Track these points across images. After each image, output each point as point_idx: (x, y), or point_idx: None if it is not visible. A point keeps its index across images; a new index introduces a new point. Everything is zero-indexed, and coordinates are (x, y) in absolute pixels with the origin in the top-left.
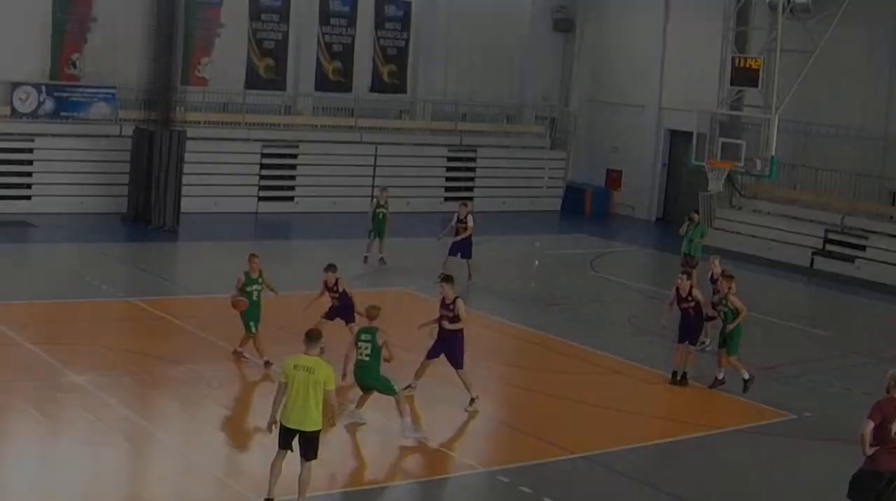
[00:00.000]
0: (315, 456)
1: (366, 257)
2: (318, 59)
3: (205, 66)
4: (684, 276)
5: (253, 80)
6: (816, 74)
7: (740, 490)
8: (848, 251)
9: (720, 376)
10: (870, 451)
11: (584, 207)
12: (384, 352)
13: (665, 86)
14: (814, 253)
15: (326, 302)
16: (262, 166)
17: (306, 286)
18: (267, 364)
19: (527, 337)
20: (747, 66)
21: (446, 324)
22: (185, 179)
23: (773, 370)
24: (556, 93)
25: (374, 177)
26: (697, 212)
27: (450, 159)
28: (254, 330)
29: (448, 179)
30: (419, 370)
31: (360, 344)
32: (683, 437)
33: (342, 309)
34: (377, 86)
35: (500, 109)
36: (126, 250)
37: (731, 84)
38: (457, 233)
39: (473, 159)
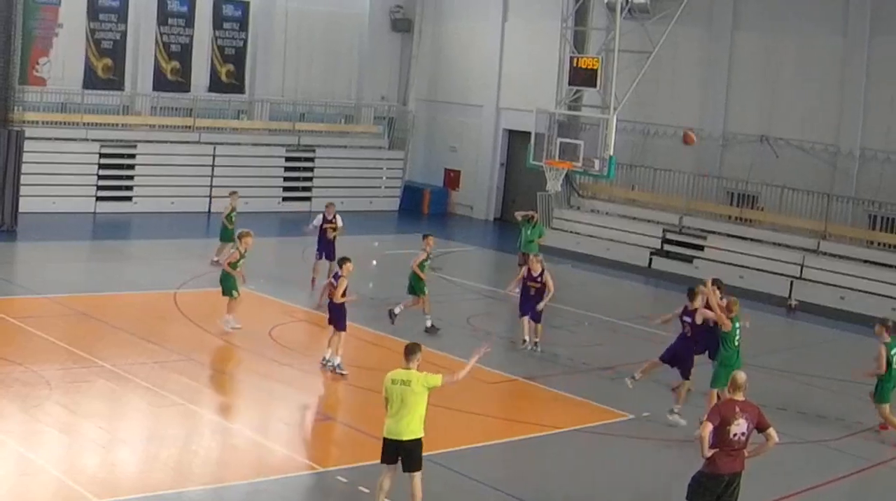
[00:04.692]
0: (418, 468)
1: (216, 260)
2: (156, 58)
3: (43, 66)
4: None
5: (91, 80)
6: (654, 75)
7: (579, 491)
8: (686, 251)
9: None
10: (709, 453)
11: (423, 207)
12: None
13: (503, 86)
14: (652, 254)
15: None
16: (101, 166)
17: (144, 286)
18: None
19: (365, 337)
20: (585, 66)
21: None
22: (23, 179)
23: (613, 370)
24: (394, 93)
25: (212, 177)
26: (535, 211)
27: (288, 159)
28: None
29: (286, 179)
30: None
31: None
32: (523, 437)
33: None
34: (215, 86)
35: (339, 109)
36: None
37: (570, 84)
38: (324, 234)
39: (312, 159)
